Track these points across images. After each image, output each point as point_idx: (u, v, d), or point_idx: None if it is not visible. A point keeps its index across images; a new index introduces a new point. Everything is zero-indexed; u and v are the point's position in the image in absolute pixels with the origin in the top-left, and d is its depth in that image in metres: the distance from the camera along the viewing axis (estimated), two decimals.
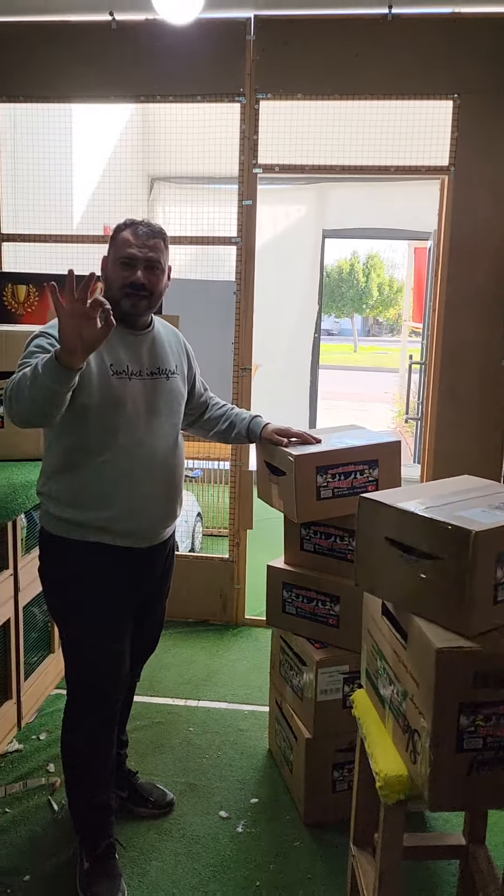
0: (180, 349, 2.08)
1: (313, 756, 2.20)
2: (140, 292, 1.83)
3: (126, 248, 1.83)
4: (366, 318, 31.64)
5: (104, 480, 1.83)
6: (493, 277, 3.20)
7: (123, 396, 1.82)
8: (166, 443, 1.92)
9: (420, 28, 3.07)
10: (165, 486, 1.92)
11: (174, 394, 1.97)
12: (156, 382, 1.91)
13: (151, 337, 1.95)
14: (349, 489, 2.21)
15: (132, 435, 1.84)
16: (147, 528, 1.91)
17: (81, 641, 1.91)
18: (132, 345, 1.89)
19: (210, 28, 3.13)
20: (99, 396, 1.78)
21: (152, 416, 1.89)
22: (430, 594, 1.42)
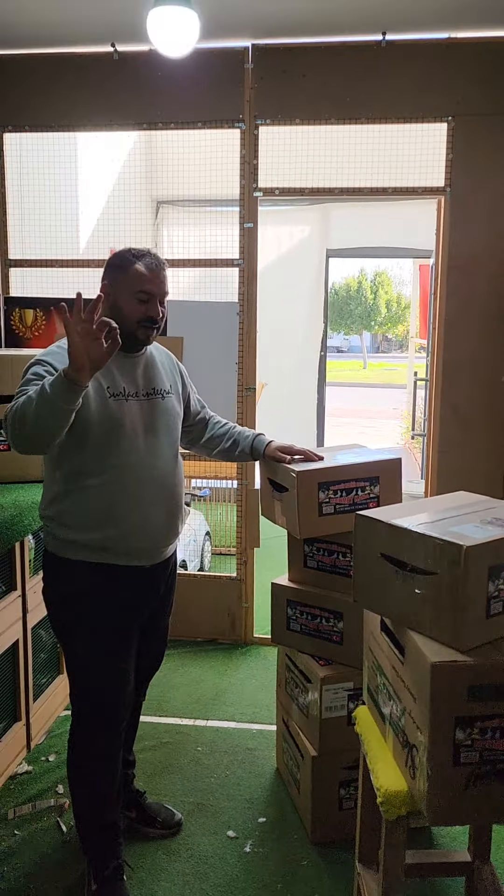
0: (173, 369, 2.13)
1: (319, 774, 2.21)
2: (155, 325, 1.91)
3: (144, 284, 1.88)
4: (374, 335, 31.73)
5: (105, 500, 1.85)
6: (491, 295, 3.23)
7: (121, 417, 1.87)
8: (165, 461, 1.96)
9: (414, 53, 3.13)
10: (166, 503, 1.95)
11: (170, 413, 2.01)
12: (152, 403, 1.96)
13: (145, 359, 2.00)
14: (351, 505, 2.23)
15: (131, 455, 1.87)
16: (149, 547, 1.94)
17: (86, 662, 1.93)
18: (127, 367, 1.93)
19: (209, 57, 3.21)
20: (97, 418, 1.82)
21: (150, 436, 1.93)
22: (426, 609, 1.44)
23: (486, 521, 1.50)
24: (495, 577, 1.40)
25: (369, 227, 6.02)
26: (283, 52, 3.19)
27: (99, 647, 1.92)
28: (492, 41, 3.10)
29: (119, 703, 1.96)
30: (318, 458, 2.26)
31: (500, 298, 3.23)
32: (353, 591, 1.63)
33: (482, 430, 3.31)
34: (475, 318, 3.26)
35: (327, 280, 6.28)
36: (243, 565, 3.57)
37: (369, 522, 1.57)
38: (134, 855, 2.15)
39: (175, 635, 3.43)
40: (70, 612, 1.94)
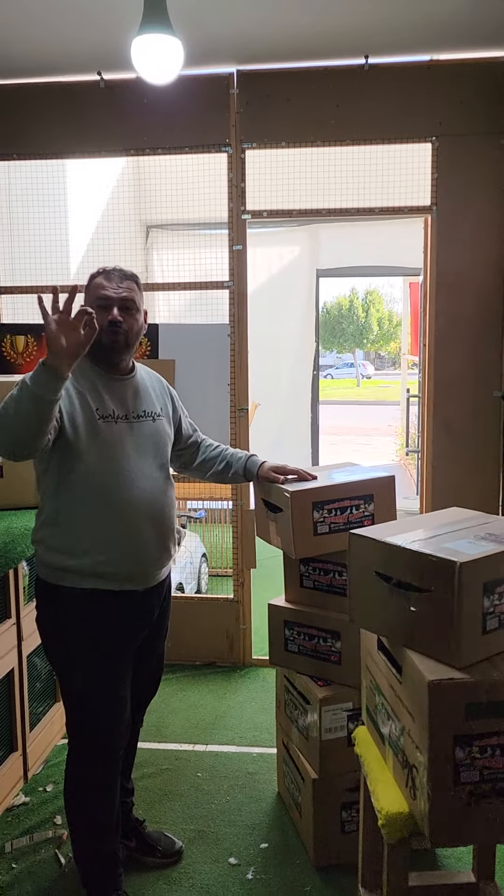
0: (164, 393, 2.13)
1: (321, 797, 2.18)
2: (118, 329, 1.89)
3: (100, 291, 1.90)
4: (367, 353, 31.89)
5: (95, 524, 1.84)
6: (480, 311, 3.26)
7: (111, 439, 1.87)
8: (156, 484, 1.95)
9: (397, 75, 3.18)
10: (157, 526, 1.94)
11: (160, 435, 2.01)
12: (142, 425, 1.96)
13: (135, 382, 2.00)
14: (345, 524, 2.22)
15: (122, 478, 1.87)
16: (142, 571, 1.92)
17: (81, 690, 1.91)
18: (116, 390, 1.94)
19: (195, 83, 3.25)
20: (87, 440, 1.83)
21: (141, 458, 1.92)
22: (421, 627, 1.43)
23: (479, 536, 1.50)
24: (490, 592, 1.40)
25: (358, 246, 6.07)
26: (268, 77, 3.23)
27: (94, 674, 1.89)
28: (472, 63, 3.15)
29: (116, 731, 1.94)
30: (312, 478, 2.26)
31: (488, 314, 3.26)
32: (349, 610, 1.62)
33: (475, 446, 3.32)
34: (464, 335, 3.28)
35: (318, 300, 6.32)
36: (240, 586, 3.55)
37: (363, 541, 1.57)
38: (134, 885, 2.11)
39: (173, 659, 3.41)
40: (63, 639, 1.92)
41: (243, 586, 3.55)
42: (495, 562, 1.40)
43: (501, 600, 1.41)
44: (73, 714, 1.95)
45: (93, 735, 1.93)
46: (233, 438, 3.43)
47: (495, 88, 3.15)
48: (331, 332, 26.97)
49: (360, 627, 1.68)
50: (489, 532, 1.53)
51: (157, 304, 5.12)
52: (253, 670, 3.52)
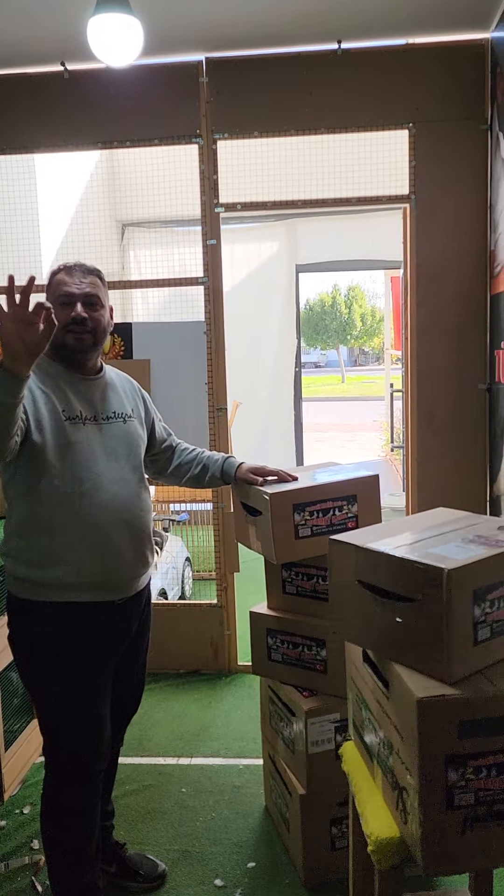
0: (135, 394, 2.03)
1: (309, 813, 2.08)
2: (83, 327, 1.79)
3: (62, 287, 1.80)
4: (351, 349, 31.87)
5: (66, 533, 1.74)
6: (462, 301, 3.17)
7: (79, 441, 1.77)
8: (129, 487, 1.85)
9: (371, 60, 3.09)
10: (132, 532, 1.83)
11: (132, 437, 1.91)
12: (112, 426, 1.86)
13: (104, 382, 1.90)
14: (328, 526, 2.13)
15: (92, 482, 1.77)
16: (118, 580, 1.82)
17: (58, 710, 1.80)
18: (84, 391, 1.84)
19: (163, 72, 3.14)
20: (53, 443, 1.73)
21: (111, 461, 1.82)
22: (408, 639, 1.34)
23: (467, 539, 1.40)
24: (481, 600, 1.30)
25: (337, 240, 5.98)
26: (238, 65, 3.13)
27: (71, 693, 1.78)
28: (448, 46, 3.07)
29: (96, 752, 1.83)
30: (293, 479, 2.16)
31: (470, 304, 3.17)
32: (331, 622, 1.52)
33: (460, 439, 3.24)
34: (447, 326, 3.19)
35: (298, 295, 6.22)
36: (224, 591, 3.45)
37: (343, 547, 1.47)
38: None
39: (156, 668, 3.30)
40: (37, 657, 1.80)
41: (227, 591, 3.45)
42: (485, 567, 1.31)
43: (493, 608, 1.32)
44: (49, 736, 1.83)
45: (70, 759, 1.82)
46: (212, 438, 3.32)
47: (473, 72, 3.06)
48: (314, 329, 26.92)
49: (343, 640, 1.58)
50: (478, 534, 1.43)
51: (135, 303, 5.00)
52: (239, 677, 3.42)
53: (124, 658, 1.94)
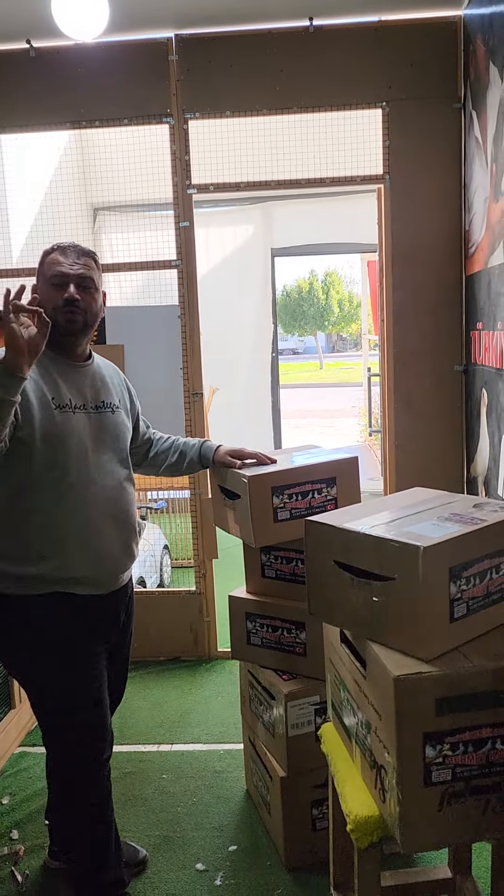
0: (122, 385, 1.99)
1: (290, 795, 2.08)
2: (75, 309, 1.74)
3: (55, 268, 1.75)
4: (329, 335, 31.88)
5: (53, 525, 1.70)
6: (438, 283, 3.16)
7: (68, 431, 1.71)
8: (116, 480, 1.81)
9: (344, 38, 3.05)
10: (119, 525, 1.80)
11: (120, 428, 1.87)
12: (101, 416, 1.81)
13: (93, 370, 1.85)
14: (307, 509, 2.12)
15: (80, 473, 1.72)
16: (104, 573, 1.78)
17: (64, 702, 1.75)
18: (74, 378, 1.79)
19: (131, 50, 3.08)
20: (41, 432, 1.67)
21: (100, 452, 1.78)
22: (385, 618, 1.33)
23: (443, 517, 1.39)
24: (457, 577, 1.29)
25: (313, 224, 5.94)
26: (208, 42, 3.07)
27: (69, 691, 1.74)
28: (421, 23, 3.03)
29: (105, 741, 1.82)
30: (272, 461, 2.15)
31: (446, 285, 3.16)
32: (308, 602, 1.51)
33: (438, 421, 3.24)
34: (423, 308, 3.18)
35: (274, 279, 6.18)
36: (202, 578, 3.43)
37: (320, 528, 1.45)
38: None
39: (136, 656, 3.23)
40: (28, 656, 1.75)
41: (205, 577, 3.43)
42: (461, 544, 1.30)
43: (469, 585, 1.31)
44: (56, 729, 1.79)
45: (84, 747, 1.78)
46: (188, 424, 3.29)
47: (446, 50, 3.03)
48: (291, 316, 26.86)
49: (321, 621, 1.57)
50: (453, 512, 1.43)
51: (108, 288, 4.93)
52: (219, 663, 3.41)
53: (111, 649, 1.90)
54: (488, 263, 2.76)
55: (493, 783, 1.27)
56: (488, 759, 1.26)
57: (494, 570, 1.36)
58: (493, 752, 1.26)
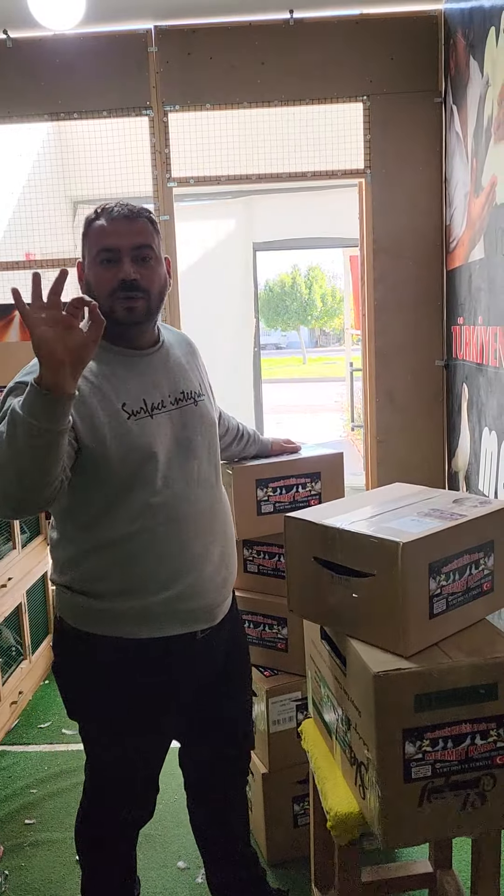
0: (195, 358, 1.62)
1: (271, 791, 2.07)
2: (134, 293, 1.38)
3: (102, 241, 1.38)
4: (312, 330, 31.91)
5: (142, 555, 1.40)
6: (420, 277, 3.16)
7: (150, 442, 1.39)
8: (210, 489, 1.51)
9: (324, 31, 3.03)
10: (219, 544, 1.51)
11: (207, 422, 1.53)
12: (184, 412, 1.47)
13: (165, 353, 1.51)
14: (291, 503, 2.11)
15: (168, 490, 1.41)
16: (204, 605, 1.47)
17: (100, 763, 1.55)
18: (144, 370, 1.45)
19: (110, 41, 3.05)
20: (117, 450, 1.35)
21: (188, 458, 1.46)
22: (365, 614, 1.32)
23: (423, 513, 1.39)
24: (436, 573, 1.29)
25: (295, 218, 5.92)
26: (188, 34, 3.05)
27: (117, 746, 1.50)
28: (402, 17, 3.03)
29: (139, 810, 1.61)
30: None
31: (429, 280, 3.16)
32: (288, 599, 1.50)
33: (420, 417, 3.24)
34: (404, 303, 3.18)
35: (256, 274, 6.16)
36: None
37: (299, 524, 1.44)
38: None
39: None
40: (87, 696, 1.51)
41: None
42: (440, 540, 1.30)
43: (448, 581, 1.31)
44: (89, 782, 1.60)
45: (109, 816, 1.59)
46: None
47: (427, 44, 3.03)
48: (274, 311, 26.84)
49: (300, 618, 1.56)
50: (433, 507, 1.42)
51: None
52: None
53: (204, 699, 1.61)
54: (469, 258, 2.76)
55: (473, 778, 1.27)
56: (467, 755, 1.26)
57: (474, 566, 1.36)
58: (472, 747, 1.26)
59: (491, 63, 2.40)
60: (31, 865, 2.12)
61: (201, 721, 1.63)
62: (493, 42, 2.37)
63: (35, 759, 2.62)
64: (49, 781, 2.49)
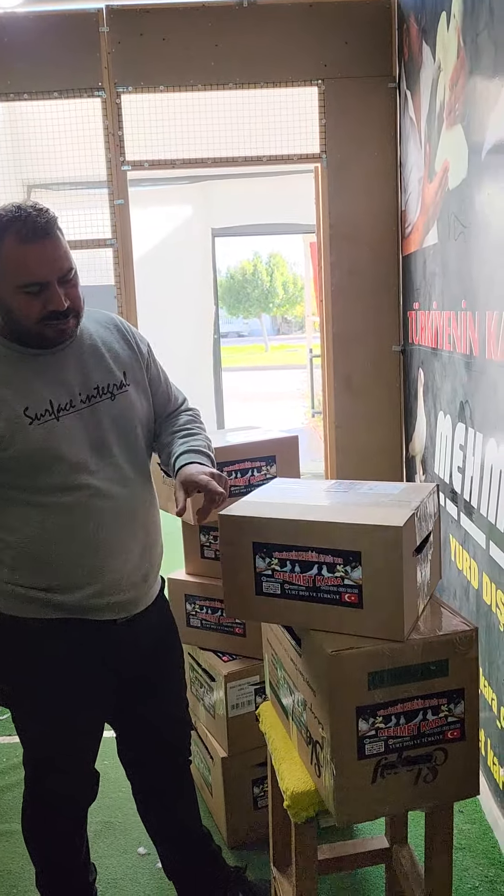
0: (123, 344, 1.53)
1: (230, 775, 2.09)
2: (67, 318, 1.38)
3: (26, 274, 1.32)
4: (274, 317, 31.92)
5: (58, 555, 1.42)
6: (376, 262, 3.18)
7: (55, 446, 1.38)
8: (130, 484, 1.48)
9: (278, 15, 3.02)
10: (139, 540, 1.50)
11: (127, 415, 1.49)
12: (96, 409, 1.43)
13: (78, 346, 1.45)
14: (247, 487, 2.12)
15: (80, 491, 1.40)
16: (123, 600, 1.49)
17: (34, 740, 1.56)
18: (52, 369, 1.41)
19: (60, 20, 2.98)
20: (22, 457, 1.36)
21: (104, 456, 1.44)
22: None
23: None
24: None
25: (254, 204, 5.91)
26: (140, 14, 3.00)
27: (52, 721, 1.51)
28: (356, 1, 3.02)
29: (77, 787, 1.62)
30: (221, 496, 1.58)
31: (384, 265, 3.18)
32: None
33: (377, 402, 3.27)
34: (362, 288, 3.20)
35: (215, 260, 6.14)
36: None
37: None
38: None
39: None
40: (16, 679, 1.52)
41: None
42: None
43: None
44: (25, 759, 1.59)
45: (49, 794, 1.60)
46: None
47: (381, 29, 3.04)
48: (236, 298, 26.77)
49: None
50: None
51: None
52: None
53: (137, 677, 1.62)
54: (423, 244, 2.78)
55: (425, 753, 1.29)
56: (419, 730, 1.28)
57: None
58: (424, 722, 1.28)
59: (443, 48, 2.41)
60: None
61: (135, 712, 1.64)
62: (444, 27, 2.38)
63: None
64: (7, 773, 2.47)
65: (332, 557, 1.28)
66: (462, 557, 2.34)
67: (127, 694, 1.61)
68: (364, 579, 1.26)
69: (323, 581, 1.30)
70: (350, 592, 1.28)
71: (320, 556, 1.29)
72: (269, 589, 1.36)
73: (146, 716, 1.66)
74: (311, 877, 1.41)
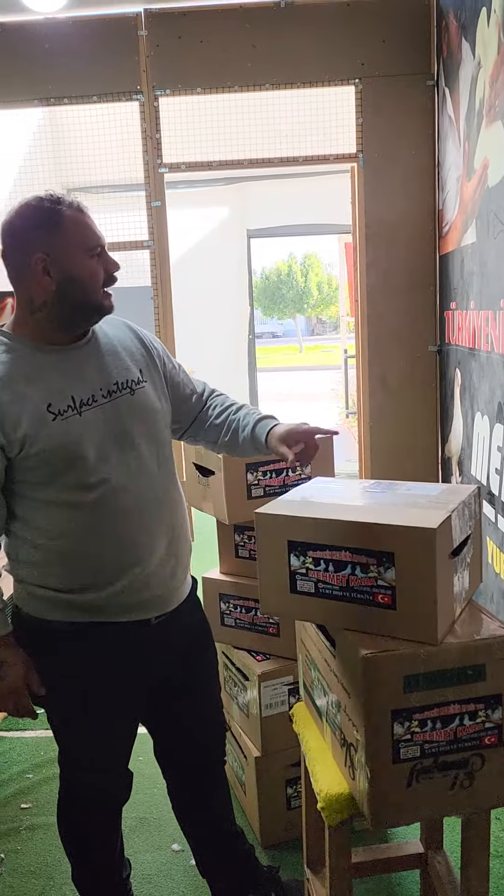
0: (137, 344, 1.56)
1: (264, 774, 2.09)
2: (113, 285, 1.45)
3: (93, 234, 1.39)
4: (309, 318, 31.83)
5: (84, 552, 1.42)
6: (411, 262, 3.15)
7: (78, 441, 1.38)
8: (153, 479, 1.47)
9: (315, 14, 3.01)
10: (165, 533, 1.49)
11: (148, 409, 1.49)
12: (117, 404, 1.44)
13: (95, 344, 1.47)
14: (281, 487, 2.12)
15: (104, 485, 1.40)
16: (152, 596, 1.48)
17: (69, 740, 1.58)
18: (73, 365, 1.42)
19: (100, 25, 3.02)
20: (46, 453, 1.36)
21: (127, 450, 1.44)
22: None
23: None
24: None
25: (289, 204, 5.90)
26: (178, 17, 3.02)
27: (84, 725, 1.53)
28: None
29: (111, 787, 1.64)
30: (332, 433, 1.67)
31: (421, 265, 3.15)
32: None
33: (413, 402, 3.24)
34: (397, 288, 3.17)
35: (250, 261, 6.15)
36: None
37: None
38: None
39: None
40: (50, 682, 1.53)
41: None
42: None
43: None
44: (61, 760, 1.62)
45: (86, 788, 1.62)
46: None
47: (419, 26, 3.01)
48: (270, 299, 26.76)
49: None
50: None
51: None
52: None
53: (168, 678, 1.62)
54: (461, 242, 2.75)
55: (461, 759, 1.27)
56: (456, 735, 1.26)
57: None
58: (460, 727, 1.26)
59: (483, 44, 2.39)
60: (27, 849, 2.14)
61: (169, 713, 1.65)
62: (484, 23, 2.35)
63: (31, 744, 2.64)
64: (44, 766, 2.50)
65: (366, 558, 1.28)
66: (500, 560, 2.31)
67: (161, 695, 1.61)
68: (397, 581, 1.25)
69: (356, 581, 1.29)
70: (383, 593, 1.27)
71: (354, 556, 1.29)
72: (304, 587, 1.36)
73: (180, 717, 1.66)
74: (345, 879, 1.41)
